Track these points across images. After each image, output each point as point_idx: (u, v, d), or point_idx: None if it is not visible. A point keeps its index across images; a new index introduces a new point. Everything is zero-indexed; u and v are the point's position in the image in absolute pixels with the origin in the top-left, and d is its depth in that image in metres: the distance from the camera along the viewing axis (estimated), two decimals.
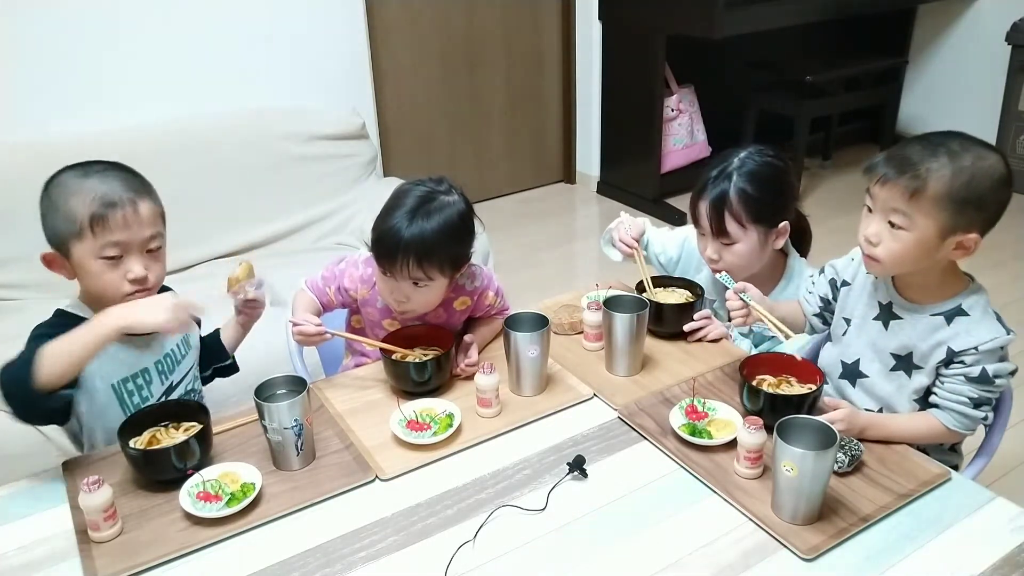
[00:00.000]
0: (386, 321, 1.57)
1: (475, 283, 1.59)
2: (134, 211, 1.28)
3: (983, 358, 1.26)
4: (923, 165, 1.19)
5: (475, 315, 1.64)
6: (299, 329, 1.46)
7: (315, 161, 2.87)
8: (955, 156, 1.18)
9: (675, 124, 4.03)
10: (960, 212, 1.19)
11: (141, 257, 1.31)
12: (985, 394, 1.27)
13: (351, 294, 1.58)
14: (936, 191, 1.18)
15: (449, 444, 1.31)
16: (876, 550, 1.08)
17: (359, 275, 1.58)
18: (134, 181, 1.33)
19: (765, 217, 1.56)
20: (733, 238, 1.56)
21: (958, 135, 1.22)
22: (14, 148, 2.47)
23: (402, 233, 1.38)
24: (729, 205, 1.54)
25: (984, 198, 1.19)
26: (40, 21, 2.62)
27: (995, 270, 3.31)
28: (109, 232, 1.26)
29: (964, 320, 1.27)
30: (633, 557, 1.08)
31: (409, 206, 1.41)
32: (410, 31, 3.68)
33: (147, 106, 2.83)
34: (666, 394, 1.42)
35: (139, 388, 1.39)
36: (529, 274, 3.39)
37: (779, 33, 3.77)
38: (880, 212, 1.25)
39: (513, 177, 4.35)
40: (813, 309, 1.50)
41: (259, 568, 1.08)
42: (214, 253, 2.71)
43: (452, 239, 1.43)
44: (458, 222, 1.43)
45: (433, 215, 1.40)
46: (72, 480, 1.24)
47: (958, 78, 4.50)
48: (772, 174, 1.56)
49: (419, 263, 1.40)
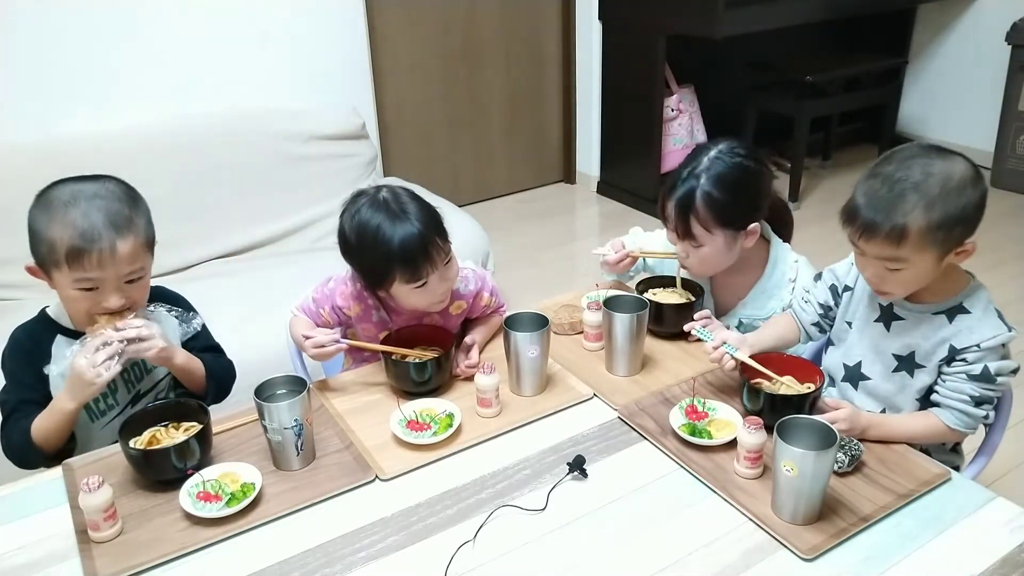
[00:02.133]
0: (382, 335, 1.53)
1: (469, 287, 1.59)
2: (111, 251, 1.26)
3: (985, 355, 1.26)
4: (896, 212, 1.19)
5: (472, 316, 1.64)
6: (314, 341, 1.43)
7: (315, 161, 2.88)
8: (921, 188, 1.18)
9: (675, 124, 4.03)
10: (949, 234, 1.19)
11: (118, 290, 1.30)
12: (986, 392, 1.27)
13: (345, 312, 1.55)
14: (919, 230, 1.18)
15: (449, 444, 1.31)
16: (876, 550, 1.08)
17: (349, 292, 1.54)
18: (119, 214, 1.29)
19: (732, 221, 1.52)
20: (699, 241, 1.53)
21: (914, 156, 1.21)
22: (14, 148, 2.48)
23: (412, 229, 1.36)
24: (695, 210, 1.50)
25: (964, 209, 1.19)
26: (40, 21, 2.62)
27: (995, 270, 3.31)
28: (83, 270, 1.26)
29: (966, 318, 1.28)
30: (633, 557, 1.08)
31: (378, 221, 1.37)
32: (410, 31, 3.68)
33: (147, 106, 2.83)
34: (666, 394, 1.42)
35: (103, 396, 1.40)
36: (529, 274, 3.39)
37: (779, 33, 3.77)
38: (873, 259, 1.25)
39: (513, 177, 4.35)
40: (811, 318, 1.49)
41: (259, 568, 1.08)
42: (214, 253, 2.71)
43: (432, 213, 1.41)
44: (423, 201, 1.43)
45: (406, 205, 1.39)
46: (72, 480, 1.24)
47: (958, 78, 4.50)
48: (740, 177, 1.52)
49: (439, 246, 1.38)
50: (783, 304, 1.61)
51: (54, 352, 1.37)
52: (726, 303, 1.71)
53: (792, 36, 4.04)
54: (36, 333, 1.39)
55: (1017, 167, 4.15)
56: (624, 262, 1.72)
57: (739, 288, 1.67)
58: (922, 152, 1.22)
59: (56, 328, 1.39)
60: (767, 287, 1.64)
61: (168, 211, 1.39)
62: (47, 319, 1.40)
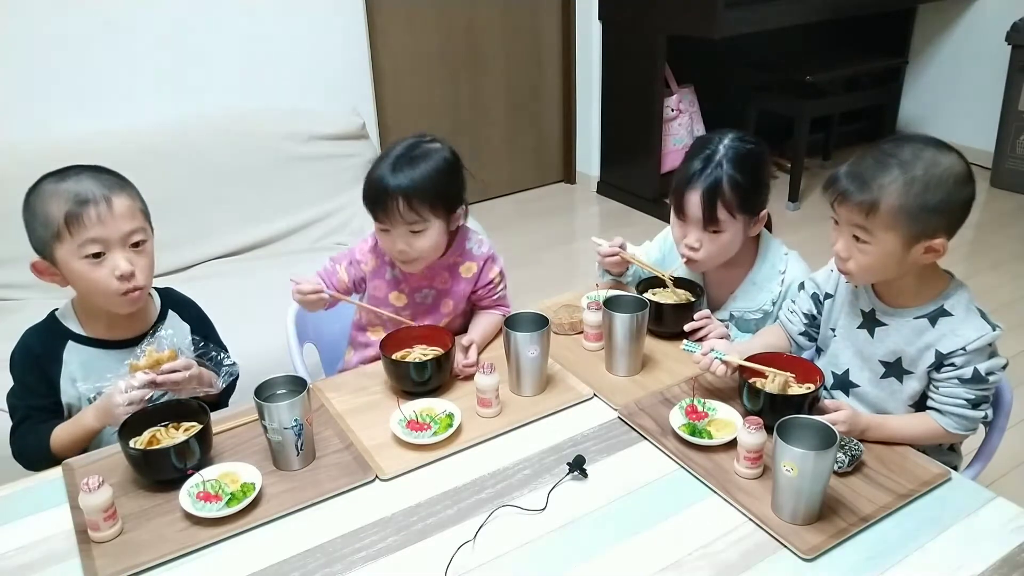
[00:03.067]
0: (392, 294, 1.60)
1: (482, 249, 1.64)
2: (108, 207, 1.28)
3: (973, 358, 1.25)
4: (875, 182, 1.20)
5: (477, 292, 1.65)
6: (297, 288, 1.48)
7: (315, 161, 2.87)
8: (906, 167, 1.19)
9: (675, 124, 4.03)
10: (919, 220, 1.19)
11: (124, 251, 1.31)
12: (981, 393, 1.27)
13: (362, 267, 1.62)
14: (890, 206, 1.19)
15: (449, 444, 1.31)
16: (876, 550, 1.08)
17: (368, 246, 1.62)
18: (109, 179, 1.33)
19: (753, 205, 1.55)
20: (722, 227, 1.55)
21: (913, 141, 1.22)
22: (14, 148, 2.48)
23: (387, 179, 1.45)
24: (723, 195, 1.52)
25: (944, 202, 1.19)
26: (40, 21, 2.62)
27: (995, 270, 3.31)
28: (85, 229, 1.27)
29: (948, 320, 1.27)
30: (633, 557, 1.08)
31: (393, 156, 1.48)
32: (410, 31, 3.68)
33: (147, 106, 2.83)
34: (666, 394, 1.42)
35: None
36: (529, 274, 3.39)
37: (779, 33, 3.77)
38: (844, 227, 1.26)
39: (513, 177, 4.35)
40: (798, 328, 1.49)
41: (259, 568, 1.08)
42: (214, 253, 2.71)
43: (438, 177, 1.48)
44: (443, 164, 1.49)
45: (418, 160, 1.47)
46: (72, 480, 1.24)
47: (958, 78, 4.50)
48: (756, 162, 1.56)
49: (408, 203, 1.44)
50: (773, 297, 1.62)
51: (65, 358, 1.37)
52: (718, 298, 1.71)
53: (792, 36, 4.04)
54: (47, 339, 1.38)
55: (1017, 167, 4.15)
56: (613, 258, 1.71)
57: (730, 282, 1.68)
58: (922, 139, 1.22)
59: (67, 335, 1.38)
60: (757, 279, 1.65)
61: (168, 211, 1.40)
62: (57, 324, 1.39)
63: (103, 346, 1.39)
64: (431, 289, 1.62)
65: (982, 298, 1.31)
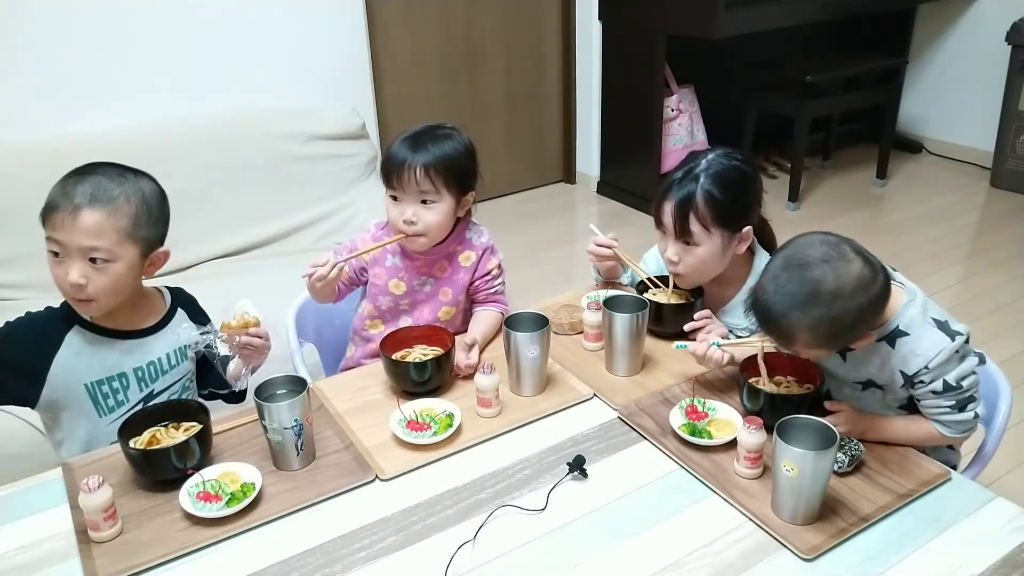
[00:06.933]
0: (392, 282, 1.62)
1: (482, 239, 1.67)
2: (73, 218, 1.28)
3: (939, 371, 1.24)
4: (787, 325, 1.21)
5: (475, 283, 1.66)
6: (314, 267, 1.49)
7: (315, 161, 2.87)
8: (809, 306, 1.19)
9: (675, 124, 4.03)
10: (841, 337, 1.21)
11: (80, 263, 1.30)
12: (962, 397, 1.25)
13: (363, 256, 1.64)
14: (807, 342, 1.21)
15: (449, 444, 1.31)
16: (876, 550, 1.08)
17: (371, 236, 1.65)
18: (108, 190, 1.31)
19: (729, 220, 1.53)
20: (696, 240, 1.53)
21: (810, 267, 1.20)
22: (14, 148, 2.47)
23: (408, 147, 1.53)
24: (695, 207, 1.51)
25: (860, 319, 1.19)
26: (40, 22, 2.62)
27: (995, 270, 3.31)
28: (51, 227, 1.30)
29: (907, 340, 1.25)
30: (633, 557, 1.08)
31: (415, 130, 1.57)
32: (410, 31, 3.68)
33: (147, 106, 2.83)
34: (666, 394, 1.42)
35: (115, 391, 1.40)
36: (529, 274, 3.39)
37: (779, 33, 3.77)
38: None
39: (513, 177, 4.35)
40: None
41: (259, 568, 1.08)
42: (214, 253, 2.71)
43: (456, 156, 1.55)
44: (462, 146, 1.57)
45: (440, 137, 1.55)
46: (72, 480, 1.24)
47: (958, 78, 4.50)
48: (739, 178, 1.53)
49: (425, 171, 1.51)
50: None
51: (67, 340, 1.37)
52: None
53: (792, 36, 4.04)
54: (52, 320, 1.38)
55: (1017, 167, 4.15)
56: (604, 251, 1.71)
57: (721, 299, 1.67)
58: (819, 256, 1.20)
59: (75, 319, 1.38)
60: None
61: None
62: (67, 308, 1.38)
63: (108, 335, 1.39)
64: (430, 277, 1.64)
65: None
